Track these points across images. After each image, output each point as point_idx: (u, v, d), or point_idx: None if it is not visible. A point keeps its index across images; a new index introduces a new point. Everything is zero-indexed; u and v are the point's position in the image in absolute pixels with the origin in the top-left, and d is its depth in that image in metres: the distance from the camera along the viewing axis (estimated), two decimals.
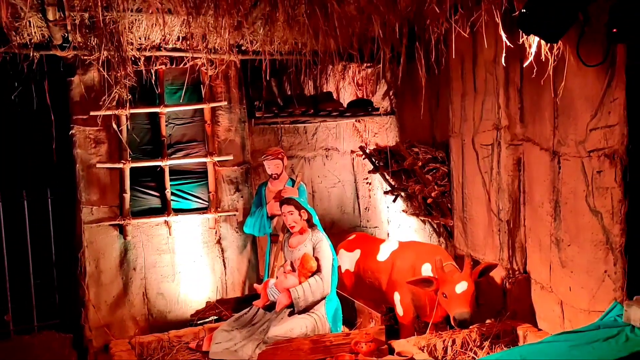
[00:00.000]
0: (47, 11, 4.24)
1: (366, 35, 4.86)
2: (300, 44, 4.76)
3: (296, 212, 4.58)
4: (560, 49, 3.76)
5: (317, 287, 4.44)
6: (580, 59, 3.56)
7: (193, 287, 5.62)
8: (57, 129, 5.06)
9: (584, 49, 3.67)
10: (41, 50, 4.81)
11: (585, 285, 4.20)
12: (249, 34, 4.20)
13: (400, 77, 5.25)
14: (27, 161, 5.44)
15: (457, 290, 4.35)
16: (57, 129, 5.05)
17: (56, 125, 5.03)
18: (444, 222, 5.83)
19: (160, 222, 5.52)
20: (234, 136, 5.78)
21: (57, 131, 5.06)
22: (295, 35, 4.12)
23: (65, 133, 5.25)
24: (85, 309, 5.31)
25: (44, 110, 4.96)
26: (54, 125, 5.03)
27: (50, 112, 4.97)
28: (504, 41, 3.93)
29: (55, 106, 5.00)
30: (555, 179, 4.44)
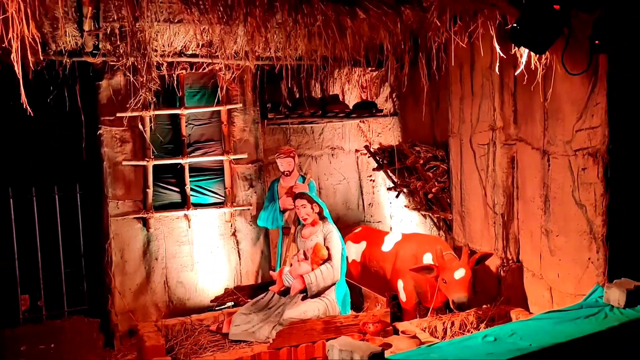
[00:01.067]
0: (83, 23, 4.65)
1: (372, 42, 5.27)
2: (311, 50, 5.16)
3: (309, 206, 5.00)
4: (548, 59, 4.20)
5: (328, 274, 4.87)
6: (565, 68, 3.99)
7: (210, 276, 6.04)
8: (86, 129, 5.48)
9: (569, 58, 4.11)
10: (74, 57, 5.22)
11: (571, 271, 4.63)
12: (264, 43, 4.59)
13: (403, 82, 5.68)
14: (59, 159, 5.84)
15: (455, 277, 4.78)
16: (86, 129, 5.47)
17: (85, 125, 5.45)
18: (443, 216, 6.26)
19: (180, 216, 5.92)
20: (248, 136, 6.19)
21: (86, 131, 5.48)
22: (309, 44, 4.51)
23: (93, 133, 5.65)
24: (111, 296, 5.72)
25: (74, 112, 5.37)
26: (84, 125, 5.45)
27: (81, 113, 5.38)
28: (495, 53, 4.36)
29: (84, 108, 5.41)
30: (545, 175, 4.87)
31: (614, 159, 4.19)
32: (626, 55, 4.11)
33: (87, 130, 5.48)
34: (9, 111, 5.70)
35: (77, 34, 4.97)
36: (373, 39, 4.61)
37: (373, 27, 4.11)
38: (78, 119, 5.42)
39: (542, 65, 4.26)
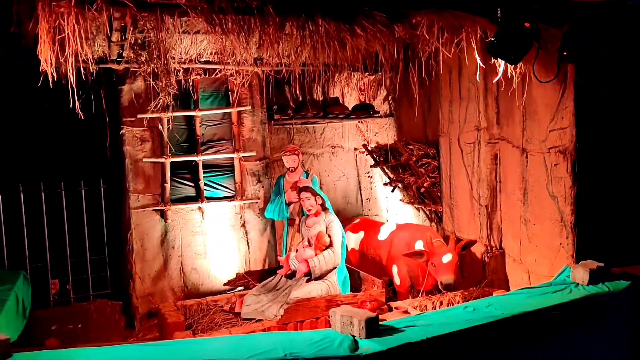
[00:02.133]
0: (112, 34, 5.21)
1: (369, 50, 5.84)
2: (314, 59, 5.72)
3: (312, 198, 5.58)
4: (522, 68, 4.78)
5: (330, 259, 5.45)
6: (535, 76, 4.57)
7: (222, 263, 6.60)
8: (110, 130, 6.04)
9: (541, 68, 4.70)
10: (100, 64, 5.78)
11: (546, 256, 5.22)
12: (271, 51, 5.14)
13: (398, 86, 6.26)
14: (85, 156, 6.40)
15: (443, 261, 5.36)
16: (109, 129, 6.03)
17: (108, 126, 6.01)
18: (434, 208, 6.84)
19: (194, 208, 6.48)
20: (256, 135, 6.76)
21: (110, 131, 6.04)
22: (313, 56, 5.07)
23: (116, 133, 6.21)
24: (132, 281, 6.29)
25: (99, 114, 5.92)
26: (108, 126, 6.02)
27: (106, 115, 5.95)
28: (478, 62, 4.94)
29: (108, 110, 5.97)
30: (524, 170, 5.46)
31: (580, 155, 4.78)
32: (590, 64, 4.70)
33: (110, 130, 6.06)
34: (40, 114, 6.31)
35: (105, 43, 5.52)
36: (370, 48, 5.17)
37: (369, 42, 4.69)
38: (102, 120, 5.98)
39: (517, 74, 4.84)
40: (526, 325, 3.86)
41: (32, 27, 4.00)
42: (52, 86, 4.40)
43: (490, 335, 3.70)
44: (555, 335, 3.94)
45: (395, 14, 4.42)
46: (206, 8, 3.95)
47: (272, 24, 4.10)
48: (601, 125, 4.74)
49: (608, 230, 4.92)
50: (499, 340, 3.71)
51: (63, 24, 3.56)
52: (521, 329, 3.83)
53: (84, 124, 6.06)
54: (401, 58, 5.52)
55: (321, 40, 4.38)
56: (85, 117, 5.94)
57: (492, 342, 3.69)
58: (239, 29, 4.14)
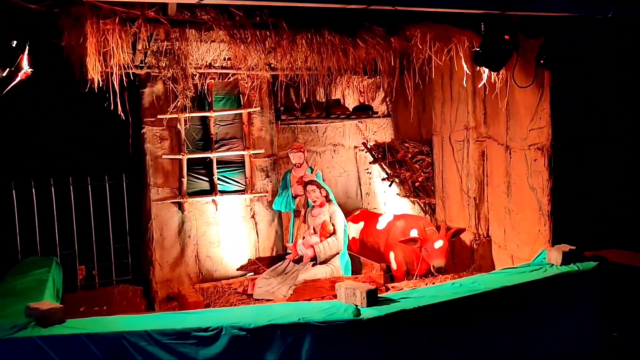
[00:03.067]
0: (137, 43, 5.80)
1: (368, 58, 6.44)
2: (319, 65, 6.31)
3: (318, 191, 6.19)
4: (504, 74, 5.39)
5: (334, 245, 6.06)
6: (514, 82, 5.19)
7: (233, 251, 7.17)
8: (132, 129, 6.63)
9: (520, 74, 5.32)
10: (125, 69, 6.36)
11: (527, 241, 5.84)
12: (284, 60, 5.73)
13: (394, 89, 6.87)
14: (109, 153, 6.99)
15: (435, 246, 5.97)
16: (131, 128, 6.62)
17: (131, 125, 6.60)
18: (428, 201, 7.46)
19: (209, 201, 7.06)
20: (265, 134, 7.34)
21: (132, 130, 6.63)
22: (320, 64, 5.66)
23: (137, 132, 6.80)
24: (152, 267, 6.87)
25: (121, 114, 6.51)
26: (130, 125, 6.60)
27: (129, 116, 6.53)
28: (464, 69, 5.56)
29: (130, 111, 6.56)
30: (508, 165, 6.08)
31: (556, 152, 5.39)
32: (564, 70, 5.31)
33: (132, 129, 6.65)
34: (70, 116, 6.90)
35: (130, 51, 6.10)
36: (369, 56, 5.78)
37: (369, 51, 5.29)
38: (125, 120, 6.57)
39: (499, 79, 5.46)
40: (505, 297, 4.49)
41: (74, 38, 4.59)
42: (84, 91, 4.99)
43: (473, 305, 4.33)
44: (530, 305, 4.57)
45: (392, 28, 5.03)
46: (229, 24, 4.54)
47: (285, 37, 4.70)
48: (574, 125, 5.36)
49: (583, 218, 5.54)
50: (481, 309, 4.34)
51: (108, 39, 4.14)
52: (500, 300, 4.46)
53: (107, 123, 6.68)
54: (397, 64, 6.12)
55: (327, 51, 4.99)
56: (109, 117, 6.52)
57: (475, 310, 4.32)
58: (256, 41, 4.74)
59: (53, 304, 4.11)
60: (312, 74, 6.76)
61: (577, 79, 5.34)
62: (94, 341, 3.81)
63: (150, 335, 3.82)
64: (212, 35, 5.92)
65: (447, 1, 4.53)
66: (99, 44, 4.21)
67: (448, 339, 4.16)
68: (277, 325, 3.85)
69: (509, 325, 4.47)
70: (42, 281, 5.30)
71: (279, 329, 3.84)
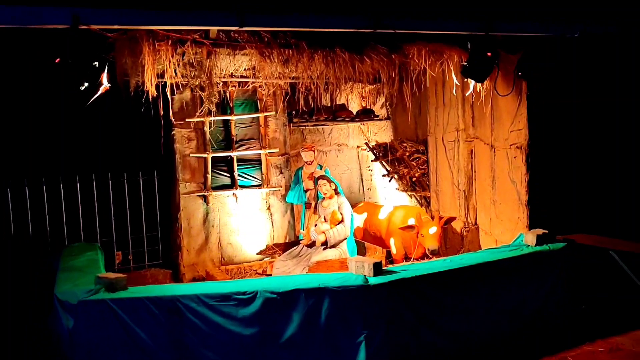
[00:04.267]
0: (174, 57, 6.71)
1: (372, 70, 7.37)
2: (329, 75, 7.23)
3: (328, 184, 7.12)
4: (487, 84, 6.34)
5: (342, 231, 6.99)
6: (496, 91, 6.14)
7: (251, 239, 8.09)
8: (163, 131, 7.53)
9: (500, 84, 6.26)
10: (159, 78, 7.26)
11: (508, 228, 6.77)
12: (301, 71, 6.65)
13: (394, 95, 7.80)
14: (143, 152, 7.89)
15: (430, 232, 6.90)
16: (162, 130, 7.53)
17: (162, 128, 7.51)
18: (424, 194, 8.40)
19: (230, 194, 7.98)
20: (279, 135, 8.26)
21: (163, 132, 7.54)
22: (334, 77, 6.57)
23: (168, 133, 7.72)
24: (180, 252, 7.79)
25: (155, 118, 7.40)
26: (162, 128, 7.51)
27: (161, 119, 7.45)
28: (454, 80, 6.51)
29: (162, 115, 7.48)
30: (493, 162, 7.01)
31: (532, 150, 6.33)
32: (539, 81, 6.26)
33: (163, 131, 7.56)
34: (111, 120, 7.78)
35: None
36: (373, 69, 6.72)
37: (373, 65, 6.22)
38: (157, 123, 7.48)
39: (484, 89, 6.41)
40: (486, 270, 5.43)
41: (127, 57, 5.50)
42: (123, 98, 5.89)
43: (461, 275, 5.27)
44: (509, 276, 5.50)
45: (393, 46, 5.97)
46: (259, 45, 5.47)
47: (305, 55, 5.63)
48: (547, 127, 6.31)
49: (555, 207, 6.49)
50: (467, 279, 5.28)
51: (163, 57, 5.06)
52: (484, 272, 5.40)
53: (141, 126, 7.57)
54: (397, 75, 7.06)
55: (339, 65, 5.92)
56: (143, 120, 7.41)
57: (462, 280, 5.26)
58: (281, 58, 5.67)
59: (118, 275, 5.05)
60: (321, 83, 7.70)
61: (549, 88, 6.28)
62: (153, 303, 4.73)
63: (199, 298, 4.74)
64: (234, 49, 6.83)
65: (439, 25, 5.47)
66: (154, 61, 5.14)
67: (440, 302, 5.10)
68: (301, 289, 4.78)
69: (491, 291, 5.39)
70: (95, 260, 6.21)
71: (303, 293, 4.77)
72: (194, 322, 4.71)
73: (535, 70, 6.16)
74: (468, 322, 5.22)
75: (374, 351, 4.79)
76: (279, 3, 4.58)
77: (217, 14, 4.59)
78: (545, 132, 6.33)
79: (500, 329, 5.41)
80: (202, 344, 4.73)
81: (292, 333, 4.76)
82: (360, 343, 4.79)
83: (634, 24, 5.72)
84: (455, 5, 5.37)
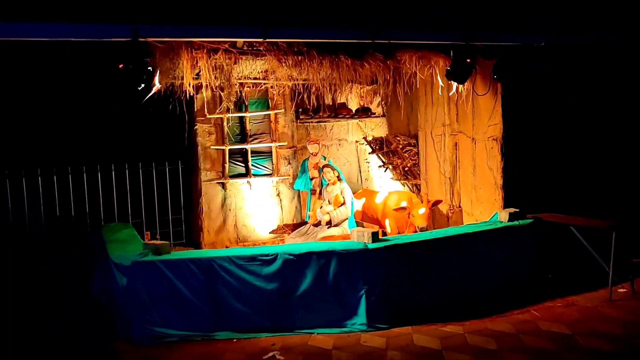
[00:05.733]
0: None
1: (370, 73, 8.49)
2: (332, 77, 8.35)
3: (332, 172, 8.22)
4: (467, 86, 7.47)
5: (344, 212, 8.09)
6: (474, 91, 7.27)
7: (263, 221, 9.20)
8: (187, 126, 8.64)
9: (478, 86, 7.39)
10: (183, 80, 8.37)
11: (487, 208, 7.89)
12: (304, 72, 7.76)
13: (388, 95, 8.92)
14: (169, 145, 9.00)
15: (419, 212, 8.01)
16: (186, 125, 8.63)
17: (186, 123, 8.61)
18: (415, 182, 9.51)
19: (244, 182, 9.08)
20: (287, 130, 9.36)
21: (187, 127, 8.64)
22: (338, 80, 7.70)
23: (191, 128, 8.81)
24: (202, 233, 8.88)
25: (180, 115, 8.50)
26: (186, 123, 8.62)
27: (185, 115, 8.54)
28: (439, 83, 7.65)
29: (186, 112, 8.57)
30: (474, 153, 8.13)
31: (506, 141, 7.45)
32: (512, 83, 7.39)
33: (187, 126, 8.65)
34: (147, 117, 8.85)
35: None
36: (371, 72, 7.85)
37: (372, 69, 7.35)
38: (182, 119, 8.58)
39: (465, 89, 7.54)
40: (465, 240, 6.54)
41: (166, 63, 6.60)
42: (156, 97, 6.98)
43: (443, 243, 6.39)
44: (484, 245, 6.61)
45: (388, 54, 7.09)
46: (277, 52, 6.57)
47: (314, 61, 6.75)
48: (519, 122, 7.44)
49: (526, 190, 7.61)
50: (449, 245, 6.39)
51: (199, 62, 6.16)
52: (462, 242, 6.51)
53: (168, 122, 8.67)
54: (391, 77, 8.18)
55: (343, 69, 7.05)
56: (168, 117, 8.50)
57: (445, 247, 6.38)
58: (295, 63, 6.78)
59: (163, 241, 6.15)
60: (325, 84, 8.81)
61: (520, 89, 7.41)
62: (193, 263, 5.83)
63: (230, 259, 5.84)
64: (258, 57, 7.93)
65: (426, 36, 6.60)
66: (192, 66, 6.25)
67: (427, 265, 6.21)
68: (314, 252, 5.90)
69: (469, 258, 6.48)
70: (134, 235, 7.32)
71: (315, 254, 5.88)
72: (226, 279, 5.81)
73: (509, 73, 7.29)
74: (450, 282, 6.33)
75: (373, 303, 5.90)
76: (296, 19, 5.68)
77: (247, 28, 5.71)
78: (517, 126, 7.45)
79: (476, 289, 6.50)
80: (232, 296, 5.83)
81: (306, 287, 5.86)
82: (361, 296, 5.90)
83: (585, 37, 6.86)
84: (440, 19, 6.49)
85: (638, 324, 5.82)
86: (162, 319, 5.78)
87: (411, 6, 5.98)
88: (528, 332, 5.68)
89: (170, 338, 5.74)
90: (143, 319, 5.75)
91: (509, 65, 7.26)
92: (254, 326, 5.82)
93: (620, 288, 6.80)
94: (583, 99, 7.53)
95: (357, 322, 5.88)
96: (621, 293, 6.70)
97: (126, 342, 5.72)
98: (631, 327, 5.74)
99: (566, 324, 5.85)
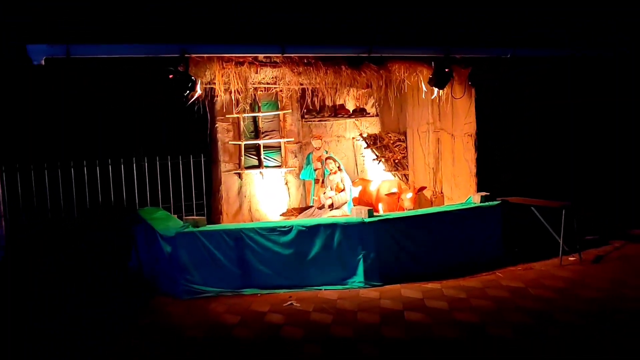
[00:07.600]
0: None
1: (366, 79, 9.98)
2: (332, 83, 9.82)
3: (333, 163, 9.71)
4: (446, 91, 8.98)
5: (344, 197, 9.58)
6: (452, 95, 8.78)
7: (273, 207, 10.66)
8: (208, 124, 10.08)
9: (455, 91, 8.89)
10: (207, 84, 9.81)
11: (464, 193, 9.40)
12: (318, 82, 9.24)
13: (381, 97, 10.43)
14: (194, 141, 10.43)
15: (407, 197, 9.50)
16: (208, 124, 10.07)
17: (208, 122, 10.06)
18: (404, 173, 11.02)
19: (257, 173, 10.50)
20: (294, 128, 10.81)
21: (208, 125, 10.08)
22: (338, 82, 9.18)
23: (212, 126, 10.25)
24: (221, 216, 10.32)
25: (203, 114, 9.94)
26: (208, 122, 10.06)
27: (208, 115, 9.98)
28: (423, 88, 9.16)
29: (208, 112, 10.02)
30: (453, 147, 9.64)
31: (479, 137, 8.96)
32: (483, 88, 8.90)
33: (209, 124, 10.10)
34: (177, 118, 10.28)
35: None
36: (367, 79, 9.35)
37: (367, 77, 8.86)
38: (205, 118, 10.02)
39: (444, 94, 9.05)
40: (444, 216, 8.03)
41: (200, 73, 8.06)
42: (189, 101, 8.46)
43: (427, 218, 7.88)
44: (458, 221, 8.09)
45: (381, 65, 8.59)
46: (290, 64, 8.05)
47: (320, 70, 8.24)
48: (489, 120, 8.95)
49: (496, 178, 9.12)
50: (430, 220, 7.88)
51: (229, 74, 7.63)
52: (441, 218, 7.99)
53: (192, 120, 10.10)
54: (383, 82, 9.67)
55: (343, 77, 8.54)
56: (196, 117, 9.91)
57: (427, 221, 7.86)
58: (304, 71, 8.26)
59: (200, 217, 7.62)
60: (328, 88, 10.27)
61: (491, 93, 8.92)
62: (225, 233, 7.28)
63: (255, 230, 7.31)
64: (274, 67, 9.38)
65: (412, 50, 8.09)
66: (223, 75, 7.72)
67: (412, 234, 7.69)
68: (321, 224, 7.38)
69: (447, 231, 7.94)
70: (169, 215, 8.75)
71: (322, 226, 7.36)
72: (252, 246, 7.27)
73: (481, 80, 8.79)
74: (431, 250, 7.81)
75: (369, 265, 7.38)
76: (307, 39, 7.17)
77: (268, 46, 7.18)
78: (488, 123, 8.96)
79: (453, 257, 7.97)
80: (256, 260, 7.29)
81: (316, 252, 7.33)
82: (359, 260, 7.38)
83: (542, 51, 8.39)
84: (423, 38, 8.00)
85: (579, 281, 7.34)
86: (201, 278, 7.21)
87: (399, 28, 7.49)
88: (491, 287, 7.18)
89: (207, 294, 7.18)
90: (185, 279, 7.18)
91: (481, 73, 8.75)
92: (274, 284, 7.27)
93: (572, 257, 8.31)
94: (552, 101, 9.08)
95: (357, 281, 7.36)
96: (571, 261, 8.21)
97: (171, 297, 7.16)
98: (572, 283, 7.26)
99: (522, 281, 7.36)
